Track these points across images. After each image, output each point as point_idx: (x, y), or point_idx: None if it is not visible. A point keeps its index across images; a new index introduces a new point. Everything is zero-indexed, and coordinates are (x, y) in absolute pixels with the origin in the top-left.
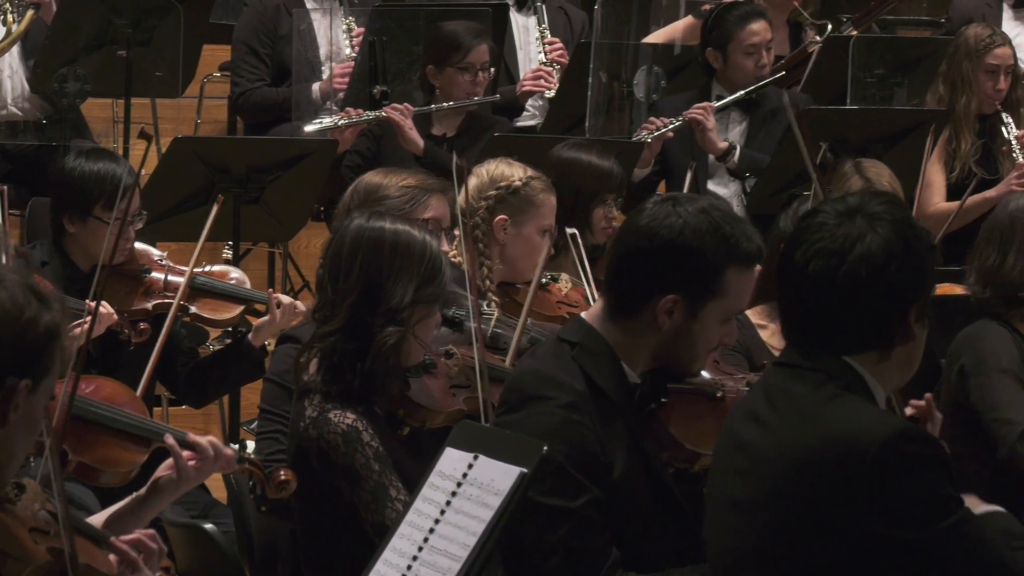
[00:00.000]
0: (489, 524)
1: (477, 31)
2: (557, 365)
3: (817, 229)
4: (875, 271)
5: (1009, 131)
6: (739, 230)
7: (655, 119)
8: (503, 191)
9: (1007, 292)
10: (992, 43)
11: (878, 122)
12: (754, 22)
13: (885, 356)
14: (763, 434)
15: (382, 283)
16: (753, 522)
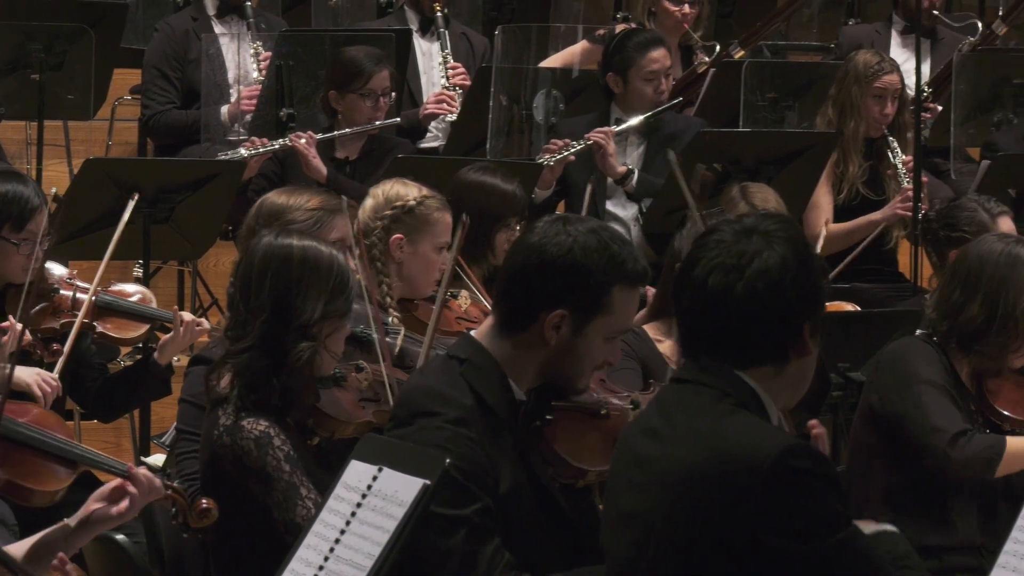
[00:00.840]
0: (393, 534)
1: (378, 57)
2: (445, 381)
3: (715, 246)
4: (772, 286)
5: (895, 156)
6: (626, 251)
7: (557, 141)
8: (398, 211)
9: (963, 335)
10: (880, 69)
11: (770, 144)
12: (655, 49)
13: (780, 370)
14: (659, 448)
15: (293, 299)
16: (649, 535)
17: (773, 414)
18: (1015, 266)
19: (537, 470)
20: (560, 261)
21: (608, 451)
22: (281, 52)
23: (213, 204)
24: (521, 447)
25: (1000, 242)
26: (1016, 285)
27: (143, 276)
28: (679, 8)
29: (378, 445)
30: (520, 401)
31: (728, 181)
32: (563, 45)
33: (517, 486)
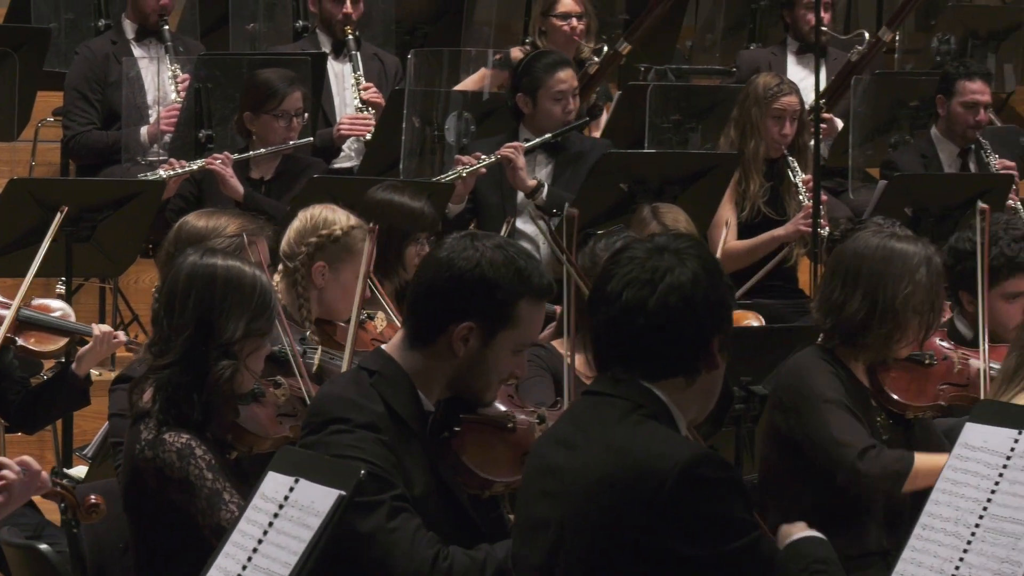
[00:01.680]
0: (309, 544)
1: (290, 79)
2: (356, 391)
3: (628, 262)
4: (683, 300)
5: (795, 174)
6: (532, 265)
7: (470, 155)
8: (324, 239)
9: (846, 332)
10: (779, 91)
11: (674, 165)
12: (562, 70)
13: (691, 383)
14: (571, 458)
15: (215, 318)
16: (560, 543)
17: (682, 426)
18: (891, 259)
19: (446, 479)
20: (468, 275)
21: (514, 463)
22: (200, 75)
23: (133, 223)
24: (430, 456)
25: (875, 237)
26: (893, 277)
27: (66, 293)
28: (566, 23)
29: (295, 457)
30: (429, 412)
31: (635, 201)
32: (474, 69)
33: (428, 492)
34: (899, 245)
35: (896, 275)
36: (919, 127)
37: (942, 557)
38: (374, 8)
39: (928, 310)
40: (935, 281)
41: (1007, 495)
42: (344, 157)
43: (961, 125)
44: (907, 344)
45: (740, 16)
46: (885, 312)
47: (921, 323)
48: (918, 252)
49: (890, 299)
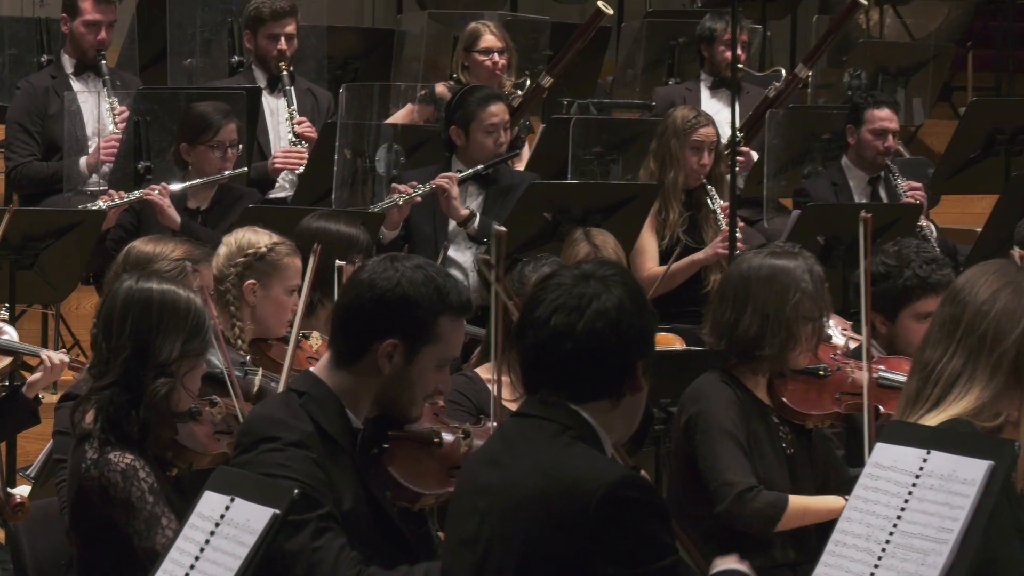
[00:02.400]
0: (244, 561)
1: (225, 111)
2: (286, 411)
3: (555, 288)
4: (609, 325)
5: (714, 202)
6: (450, 283)
7: (410, 184)
8: (250, 258)
9: (742, 349)
10: (697, 123)
11: (596, 195)
12: (494, 104)
13: (616, 405)
14: (500, 477)
15: (152, 340)
16: (488, 559)
17: (607, 447)
18: (775, 274)
19: (375, 494)
20: (389, 294)
21: (441, 477)
22: (139, 108)
23: (75, 251)
24: (360, 472)
25: (757, 257)
26: (779, 290)
27: (9, 318)
28: (488, 58)
29: (230, 476)
30: (358, 429)
31: (559, 229)
32: (403, 103)
33: (357, 507)
34: (780, 261)
35: (782, 287)
36: (832, 159)
37: (854, 572)
38: (307, 44)
39: (817, 315)
40: (819, 288)
41: (916, 512)
42: (278, 188)
43: (871, 152)
44: (801, 352)
45: (659, 53)
46: (777, 323)
47: (812, 329)
48: (799, 264)
49: (780, 311)
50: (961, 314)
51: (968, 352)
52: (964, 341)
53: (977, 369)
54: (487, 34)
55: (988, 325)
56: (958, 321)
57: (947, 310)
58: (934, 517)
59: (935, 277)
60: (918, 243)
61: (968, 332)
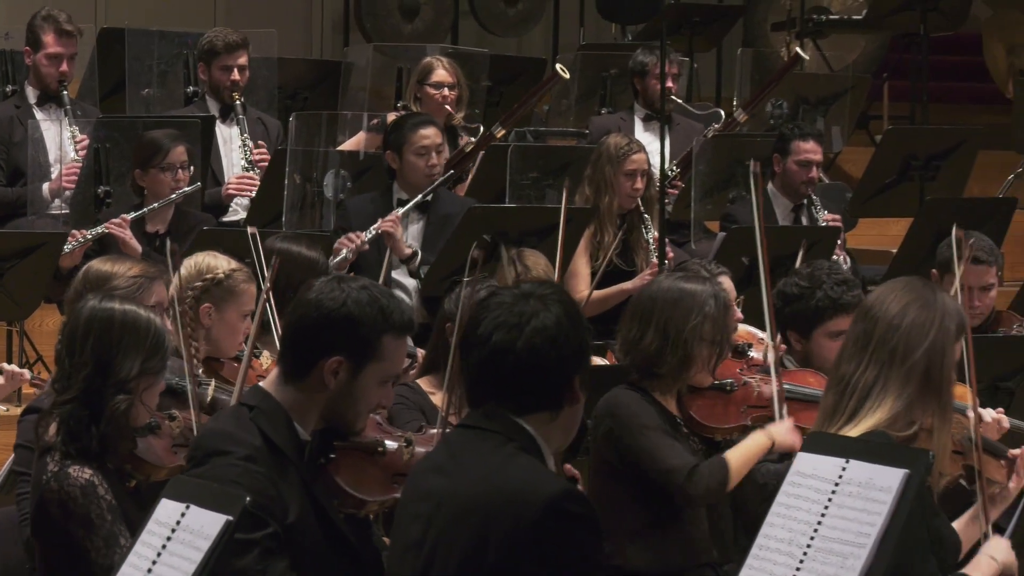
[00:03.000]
0: (199, 565)
1: (174, 135)
2: (236, 425)
3: (496, 307)
4: (548, 341)
5: (648, 231)
6: (393, 303)
7: (353, 234)
8: (208, 282)
9: (643, 365)
10: (630, 150)
11: (533, 218)
12: (425, 128)
13: (554, 416)
14: (445, 485)
15: (112, 357)
16: (431, 563)
17: (548, 456)
18: (681, 297)
19: (322, 502)
20: (335, 314)
21: (385, 484)
22: (99, 136)
23: (39, 270)
24: (307, 482)
25: (668, 279)
26: (682, 312)
27: None
28: (439, 92)
29: (186, 485)
30: (305, 441)
31: (497, 250)
32: (350, 130)
33: (304, 516)
34: (688, 285)
35: (685, 310)
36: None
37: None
38: (258, 75)
39: (719, 339)
40: (722, 313)
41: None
42: (232, 212)
43: (795, 181)
44: (698, 371)
45: (592, 84)
46: (676, 343)
47: (711, 352)
48: (705, 289)
49: (681, 331)
50: (873, 329)
51: (880, 364)
52: (876, 354)
53: (890, 380)
54: (439, 69)
55: (899, 338)
56: (870, 336)
57: (859, 326)
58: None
59: (846, 298)
60: (830, 265)
61: (880, 345)
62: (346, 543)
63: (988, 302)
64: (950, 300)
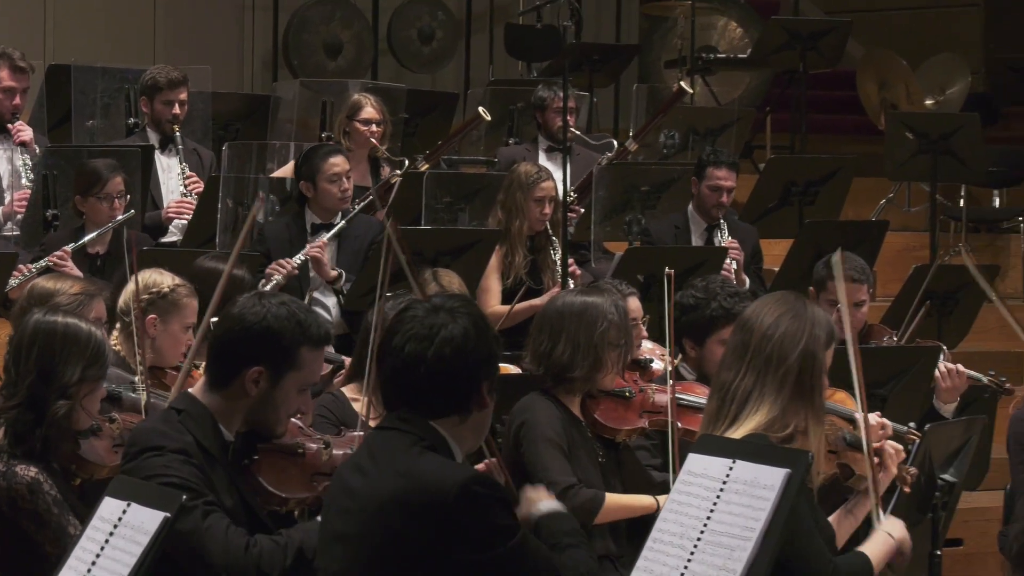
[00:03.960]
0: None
1: (113, 166)
2: (167, 425)
3: (410, 320)
4: (456, 351)
5: (555, 252)
6: (311, 318)
7: (284, 261)
8: (154, 296)
9: (557, 372)
10: (539, 178)
11: (446, 239)
12: (334, 156)
13: (464, 419)
14: (366, 482)
15: (55, 366)
16: (357, 553)
17: (459, 455)
18: (587, 309)
19: (247, 499)
20: (256, 327)
21: (305, 483)
22: (47, 163)
23: None
24: (233, 480)
25: (570, 295)
26: (590, 322)
27: None
28: (367, 127)
29: (127, 484)
30: (229, 442)
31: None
32: (278, 159)
33: (233, 511)
34: (590, 298)
35: (592, 318)
36: (649, 207)
37: (670, 565)
38: (194, 108)
39: (622, 343)
40: (624, 319)
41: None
42: (169, 234)
43: (707, 204)
44: (608, 374)
45: (501, 116)
46: (587, 350)
47: (618, 355)
48: (606, 300)
49: (589, 339)
50: (749, 339)
51: (757, 372)
52: (753, 362)
53: (766, 386)
54: (368, 106)
55: (773, 347)
56: (747, 346)
57: (737, 337)
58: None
59: (737, 308)
60: (722, 279)
61: (756, 354)
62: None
63: (861, 317)
64: (819, 311)
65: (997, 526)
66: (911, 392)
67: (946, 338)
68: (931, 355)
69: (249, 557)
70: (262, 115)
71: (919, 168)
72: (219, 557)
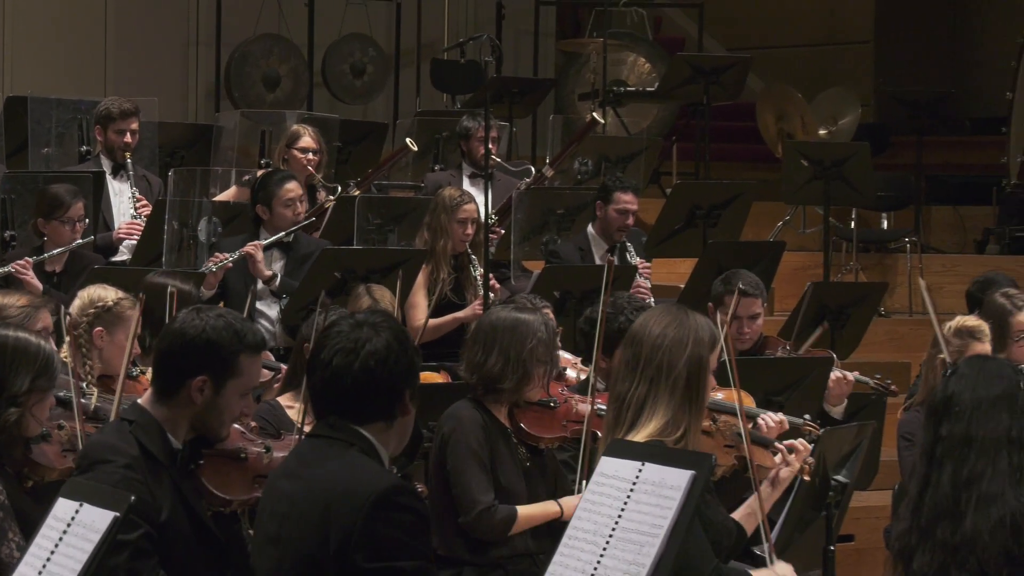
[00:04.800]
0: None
1: (74, 192)
2: (118, 437)
3: (336, 335)
4: (380, 362)
5: (475, 269)
6: (247, 327)
7: (219, 253)
8: (99, 309)
9: (487, 382)
10: (463, 201)
11: (377, 258)
12: (288, 183)
13: (389, 425)
14: (296, 487)
15: (5, 375)
16: (286, 554)
17: (385, 458)
18: (517, 325)
19: (192, 502)
20: (196, 339)
21: (247, 485)
22: (5, 188)
23: None
24: (178, 485)
25: (504, 310)
26: (519, 338)
27: None
28: (304, 156)
29: (79, 486)
30: (177, 449)
31: (347, 286)
32: (221, 184)
33: (175, 515)
34: (522, 315)
35: (522, 336)
36: (564, 229)
37: (584, 560)
38: (142, 136)
39: (548, 360)
40: (551, 338)
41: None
42: (120, 253)
43: (612, 227)
44: (534, 387)
45: (427, 144)
46: (516, 363)
47: (545, 370)
48: (536, 318)
49: (518, 353)
50: (640, 351)
51: (649, 380)
52: (645, 372)
53: (659, 393)
54: (306, 136)
55: (662, 356)
56: (638, 357)
57: (629, 350)
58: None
59: None
60: (628, 295)
61: (647, 364)
62: (213, 537)
63: (756, 329)
64: (701, 317)
65: (886, 523)
66: (804, 399)
67: (838, 349)
68: (824, 365)
69: None
70: (205, 143)
71: (813, 193)
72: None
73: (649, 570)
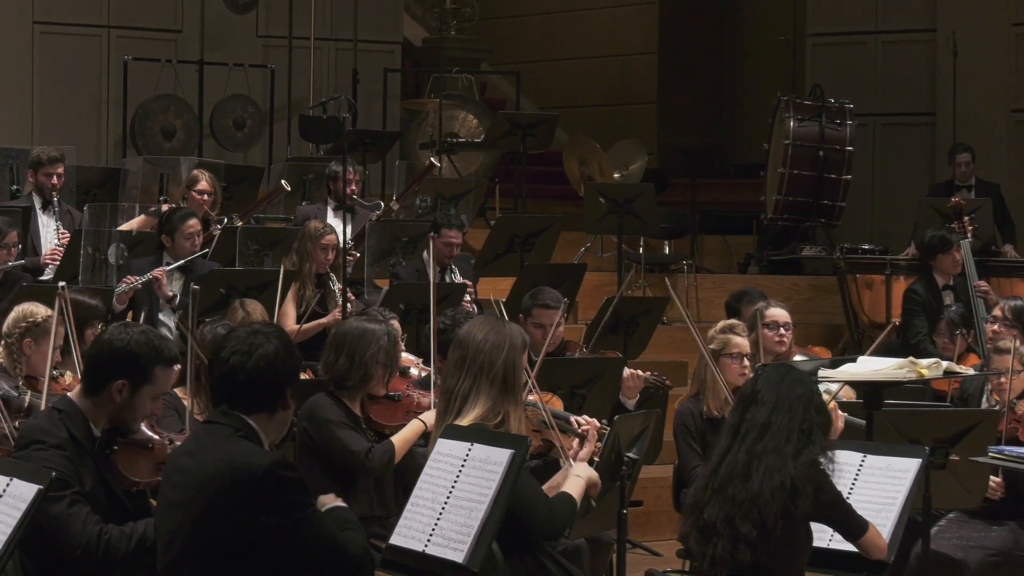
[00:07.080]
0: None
1: (10, 223)
2: (50, 423)
3: (234, 339)
4: (268, 364)
5: (335, 285)
6: (164, 344)
7: (130, 276)
8: (30, 323)
9: (337, 379)
10: (325, 232)
11: (253, 277)
12: (190, 220)
13: (271, 416)
14: (192, 462)
15: None
16: (185, 517)
17: (266, 444)
18: (364, 333)
19: (109, 481)
20: (121, 350)
21: (152, 470)
22: None
23: None
24: (98, 466)
25: (355, 321)
26: (364, 344)
27: None
28: (201, 197)
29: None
30: (97, 436)
31: (229, 300)
32: (127, 216)
33: (95, 489)
34: (369, 324)
35: (367, 342)
36: (408, 254)
37: (424, 522)
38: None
39: (389, 363)
40: (392, 345)
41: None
42: (47, 275)
43: (441, 255)
44: (376, 385)
45: (296, 184)
46: (359, 364)
47: (384, 372)
48: (381, 328)
49: (362, 356)
50: (466, 353)
51: (473, 376)
52: (470, 370)
53: (481, 387)
54: (203, 180)
55: (484, 356)
56: (465, 358)
57: (457, 352)
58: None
59: None
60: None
61: (472, 363)
62: (125, 508)
63: (559, 335)
64: (515, 326)
65: (668, 491)
66: (603, 392)
67: (629, 352)
68: (616, 364)
69: (100, 541)
70: (114, 184)
71: (609, 224)
72: (77, 538)
73: (477, 530)
